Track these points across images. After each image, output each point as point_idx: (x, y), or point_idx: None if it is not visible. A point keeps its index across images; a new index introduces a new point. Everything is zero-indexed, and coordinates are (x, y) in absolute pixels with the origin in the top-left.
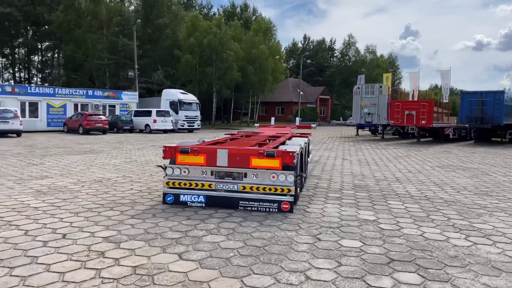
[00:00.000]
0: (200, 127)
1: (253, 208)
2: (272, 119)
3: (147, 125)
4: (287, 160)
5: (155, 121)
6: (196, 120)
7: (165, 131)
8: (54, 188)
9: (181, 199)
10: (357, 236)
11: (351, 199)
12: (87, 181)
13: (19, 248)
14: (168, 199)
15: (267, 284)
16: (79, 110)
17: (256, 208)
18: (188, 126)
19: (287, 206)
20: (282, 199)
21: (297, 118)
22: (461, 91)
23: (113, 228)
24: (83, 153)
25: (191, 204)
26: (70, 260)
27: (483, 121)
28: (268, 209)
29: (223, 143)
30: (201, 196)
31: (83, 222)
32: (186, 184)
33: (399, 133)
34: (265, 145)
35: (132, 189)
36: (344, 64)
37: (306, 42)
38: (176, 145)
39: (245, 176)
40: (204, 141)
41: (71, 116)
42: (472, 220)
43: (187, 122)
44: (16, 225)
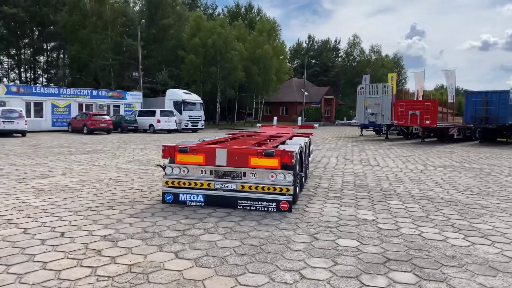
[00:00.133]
0: (204, 127)
1: (252, 208)
2: (274, 119)
3: (151, 125)
4: (286, 160)
5: (159, 121)
6: (200, 120)
7: (169, 131)
8: (56, 187)
9: (180, 198)
10: (355, 236)
11: (351, 199)
12: (89, 180)
13: (17, 246)
14: (168, 198)
15: (261, 283)
16: (84, 110)
17: (255, 208)
18: (192, 126)
19: (286, 206)
20: (281, 199)
21: (299, 118)
22: (466, 91)
23: (112, 227)
24: (86, 153)
25: (190, 203)
26: (67, 258)
27: (488, 121)
28: (267, 209)
29: (223, 143)
30: (200, 196)
31: (82, 221)
32: (185, 184)
33: (404, 133)
34: (265, 145)
35: (133, 188)
36: (349, 64)
37: (311, 42)
38: (175, 145)
39: (244, 176)
40: (204, 141)
41: (76, 116)
42: (472, 220)
43: (191, 122)
44: (16, 224)
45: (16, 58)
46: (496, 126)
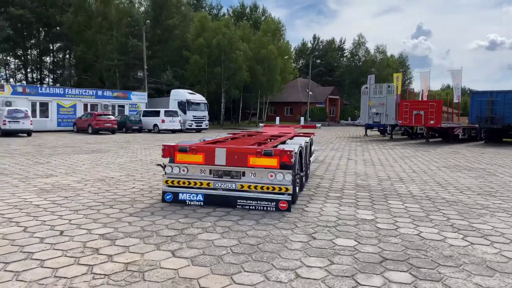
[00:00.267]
0: (208, 127)
1: (251, 207)
2: (277, 119)
3: (156, 125)
4: (285, 159)
5: (163, 121)
6: (204, 120)
7: (173, 131)
8: (58, 186)
9: (180, 198)
10: (353, 235)
11: (351, 199)
12: (91, 180)
13: (16, 244)
14: (167, 198)
15: (256, 282)
16: (89, 110)
17: (254, 207)
18: (196, 126)
19: (285, 205)
20: (280, 198)
21: (301, 118)
22: (471, 91)
23: (111, 226)
24: (90, 153)
25: (190, 203)
26: (65, 256)
27: (493, 121)
28: (266, 208)
29: (223, 142)
30: (200, 195)
31: (82, 220)
32: (185, 183)
33: (408, 133)
34: (264, 144)
35: (134, 188)
36: (354, 64)
37: (316, 42)
38: (175, 144)
39: (243, 175)
40: (205, 140)
41: (81, 116)
42: (472, 220)
43: (195, 122)
44: (16, 222)
45: (23, 59)
46: (502, 126)
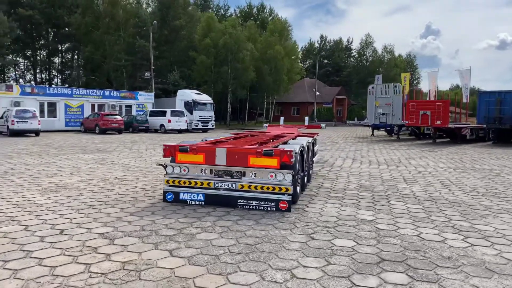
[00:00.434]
0: (215, 127)
1: (251, 207)
2: (281, 119)
3: (162, 125)
4: (285, 159)
5: (170, 121)
6: (210, 120)
7: (180, 131)
8: (61, 186)
9: (181, 197)
10: (352, 236)
11: (353, 199)
12: (94, 179)
13: (16, 243)
14: (168, 197)
15: (251, 281)
16: (96, 110)
17: (254, 207)
18: (202, 126)
19: (285, 205)
20: (280, 198)
21: (306, 118)
22: (479, 91)
23: (111, 225)
24: (96, 152)
25: (191, 202)
26: (63, 255)
27: (502, 122)
28: (266, 208)
29: (224, 142)
30: (200, 195)
31: (83, 219)
32: (186, 183)
33: (415, 134)
34: (266, 144)
35: (137, 187)
36: (361, 64)
37: (323, 42)
38: (176, 144)
39: (244, 175)
40: (207, 140)
41: (88, 116)
42: (474, 222)
43: (201, 122)
44: (18, 221)
45: (32, 60)
46: (510, 127)
